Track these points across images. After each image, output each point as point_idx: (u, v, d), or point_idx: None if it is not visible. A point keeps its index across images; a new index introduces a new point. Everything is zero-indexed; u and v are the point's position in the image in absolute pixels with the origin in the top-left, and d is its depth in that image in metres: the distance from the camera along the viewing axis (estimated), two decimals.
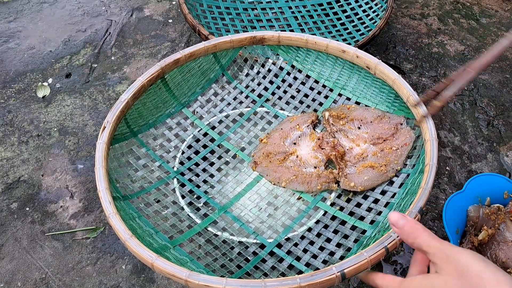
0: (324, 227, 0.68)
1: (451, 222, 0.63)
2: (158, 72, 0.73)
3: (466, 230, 0.66)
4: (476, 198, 0.68)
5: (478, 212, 0.65)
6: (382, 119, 0.76)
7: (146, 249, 0.51)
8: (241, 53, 0.83)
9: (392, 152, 0.72)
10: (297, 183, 0.72)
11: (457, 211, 0.66)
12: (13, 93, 0.98)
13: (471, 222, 0.65)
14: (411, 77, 0.99)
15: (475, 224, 0.65)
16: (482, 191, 0.68)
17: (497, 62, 1.03)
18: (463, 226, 0.66)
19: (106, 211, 0.55)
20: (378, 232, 0.62)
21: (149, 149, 0.76)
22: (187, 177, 0.75)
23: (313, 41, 0.77)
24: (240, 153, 0.79)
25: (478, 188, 0.68)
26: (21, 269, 0.71)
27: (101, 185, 0.58)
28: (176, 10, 1.19)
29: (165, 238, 0.64)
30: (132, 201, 0.67)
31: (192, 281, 0.48)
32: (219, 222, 0.70)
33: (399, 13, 1.17)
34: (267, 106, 0.85)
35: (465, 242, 0.64)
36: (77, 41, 1.10)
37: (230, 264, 0.64)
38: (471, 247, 0.63)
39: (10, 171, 0.84)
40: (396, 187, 0.69)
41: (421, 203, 0.54)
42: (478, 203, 0.67)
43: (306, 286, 0.47)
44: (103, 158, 0.61)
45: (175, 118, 0.81)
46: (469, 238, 0.64)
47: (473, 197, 0.68)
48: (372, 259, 0.49)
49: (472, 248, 0.63)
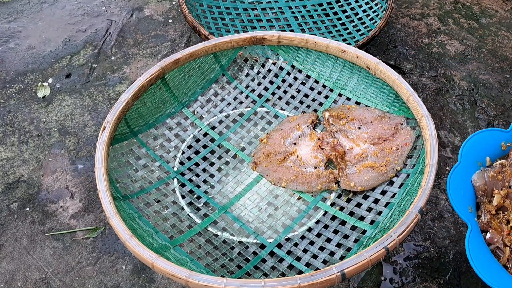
0: (324, 227, 0.68)
1: (460, 202, 0.57)
2: (158, 72, 0.73)
3: (478, 202, 0.61)
4: (476, 164, 0.62)
5: (483, 179, 0.61)
6: (382, 119, 0.76)
7: (146, 249, 0.51)
8: (241, 53, 0.83)
9: (392, 152, 0.72)
10: (297, 183, 0.72)
11: (463, 185, 0.60)
12: (13, 93, 0.98)
13: (480, 192, 0.61)
14: (411, 77, 0.99)
15: (485, 192, 0.61)
16: (479, 154, 0.63)
17: (497, 62, 1.03)
18: (475, 199, 0.61)
19: (106, 211, 0.55)
20: (378, 232, 0.62)
21: (149, 149, 0.76)
22: (187, 177, 0.75)
23: (313, 41, 0.77)
24: (240, 153, 0.79)
25: (474, 153, 0.63)
26: (21, 269, 0.71)
27: (101, 185, 0.58)
28: (176, 10, 1.19)
29: (165, 238, 0.64)
30: (132, 201, 0.67)
31: (192, 281, 0.48)
32: (219, 222, 0.70)
33: (399, 13, 1.17)
34: (267, 106, 0.85)
35: (482, 214, 0.60)
36: (77, 41, 1.10)
37: (230, 264, 0.64)
38: (490, 216, 0.59)
39: (10, 171, 0.84)
40: (396, 187, 0.69)
41: (421, 203, 0.54)
42: (479, 168, 0.62)
43: (306, 286, 0.47)
44: (103, 158, 0.61)
45: (175, 118, 0.81)
46: (483, 208, 0.60)
47: (472, 163, 0.62)
48: (372, 259, 0.49)
49: (491, 217, 0.59)
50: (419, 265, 0.70)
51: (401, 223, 0.52)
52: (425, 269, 0.70)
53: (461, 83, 0.98)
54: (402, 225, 0.52)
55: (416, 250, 0.72)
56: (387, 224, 0.61)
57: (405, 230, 0.51)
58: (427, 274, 0.69)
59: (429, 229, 0.74)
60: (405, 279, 0.69)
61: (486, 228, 0.59)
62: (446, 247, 0.72)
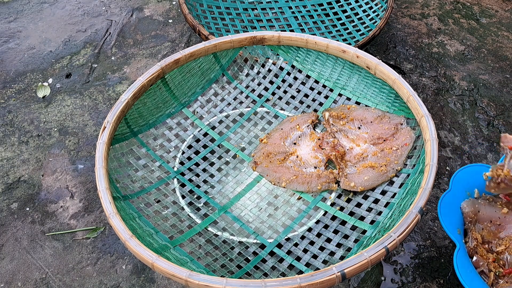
0: (324, 227, 0.68)
1: (450, 224, 0.63)
2: (158, 72, 0.73)
3: (466, 228, 0.65)
4: (465, 193, 0.67)
5: (471, 207, 0.65)
6: (382, 119, 0.76)
7: (146, 249, 0.51)
8: (241, 53, 0.83)
9: (392, 152, 0.72)
10: (297, 183, 0.72)
11: (452, 210, 0.65)
12: (13, 93, 0.98)
13: (468, 218, 0.65)
14: (411, 77, 0.99)
15: (472, 219, 0.65)
16: (468, 184, 0.68)
17: (497, 62, 1.03)
18: (463, 224, 0.66)
19: (106, 211, 0.55)
20: (378, 232, 0.62)
21: (149, 149, 0.76)
22: (187, 177, 0.75)
23: (313, 41, 0.77)
24: (240, 153, 0.79)
25: (463, 183, 0.67)
26: (22, 269, 0.71)
27: (101, 185, 0.58)
28: (176, 10, 1.19)
29: (165, 238, 0.64)
30: (132, 201, 0.67)
31: (192, 281, 0.48)
32: (219, 222, 0.70)
33: (399, 13, 1.17)
34: (267, 106, 0.85)
35: (469, 240, 0.63)
36: (77, 41, 1.10)
37: (230, 264, 0.64)
38: (476, 243, 0.63)
39: (10, 171, 0.84)
40: (396, 187, 0.69)
41: (421, 203, 0.54)
42: (468, 197, 0.67)
43: (306, 286, 0.47)
44: (103, 158, 0.61)
45: (175, 118, 0.81)
46: (470, 235, 0.64)
47: (462, 192, 0.67)
48: (372, 259, 0.49)
49: (477, 244, 0.63)
50: (419, 265, 0.70)
51: (401, 223, 0.52)
52: (425, 269, 0.70)
53: (461, 83, 0.98)
54: (402, 225, 0.52)
55: (416, 250, 0.72)
56: (387, 224, 0.61)
57: (405, 230, 0.51)
58: (427, 274, 0.69)
59: (429, 229, 0.74)
60: (405, 279, 0.69)
61: (472, 254, 0.62)
62: (446, 247, 0.72)
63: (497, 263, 0.61)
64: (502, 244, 0.62)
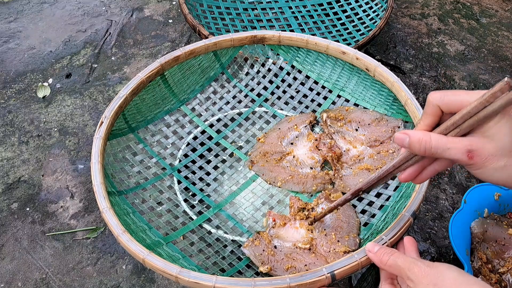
0: None
1: (460, 246, 0.62)
2: (157, 69, 0.72)
3: (472, 248, 0.65)
4: (476, 213, 0.67)
5: (481, 228, 0.65)
6: (379, 122, 0.76)
7: (138, 245, 0.51)
8: (241, 52, 0.84)
9: (388, 155, 0.72)
10: (293, 183, 0.72)
11: (463, 230, 0.65)
12: (14, 93, 0.98)
13: (476, 239, 0.65)
14: (411, 77, 0.99)
15: (480, 240, 0.64)
16: (479, 204, 0.68)
17: (497, 62, 1.03)
18: (470, 244, 0.66)
19: (100, 206, 0.55)
20: (371, 235, 0.62)
21: (147, 145, 0.76)
22: (183, 174, 0.75)
23: (313, 42, 0.77)
24: (237, 151, 0.79)
25: (474, 202, 0.68)
26: (22, 269, 0.71)
27: (96, 179, 0.58)
28: (176, 10, 1.19)
29: (159, 234, 0.64)
30: (127, 196, 0.67)
31: (182, 278, 0.48)
32: (213, 220, 0.70)
33: (399, 13, 1.17)
34: (266, 105, 0.85)
35: (474, 260, 0.63)
36: (77, 41, 1.10)
37: (223, 262, 0.64)
38: (481, 263, 0.62)
39: (11, 171, 0.84)
40: (391, 190, 0.69)
41: (414, 207, 0.54)
42: (478, 217, 0.67)
43: (295, 286, 0.47)
44: (99, 153, 0.61)
45: (174, 115, 0.81)
46: (476, 255, 0.63)
47: (472, 212, 0.67)
48: (362, 262, 0.49)
49: (482, 264, 0.62)
50: None
51: (393, 226, 0.52)
52: None
53: (461, 83, 0.98)
54: (394, 228, 0.51)
55: None
56: (380, 226, 0.61)
57: (397, 233, 0.51)
58: None
59: (429, 229, 0.74)
60: None
61: (476, 274, 0.62)
62: (446, 247, 0.72)
63: (499, 284, 0.61)
64: (505, 266, 0.62)
